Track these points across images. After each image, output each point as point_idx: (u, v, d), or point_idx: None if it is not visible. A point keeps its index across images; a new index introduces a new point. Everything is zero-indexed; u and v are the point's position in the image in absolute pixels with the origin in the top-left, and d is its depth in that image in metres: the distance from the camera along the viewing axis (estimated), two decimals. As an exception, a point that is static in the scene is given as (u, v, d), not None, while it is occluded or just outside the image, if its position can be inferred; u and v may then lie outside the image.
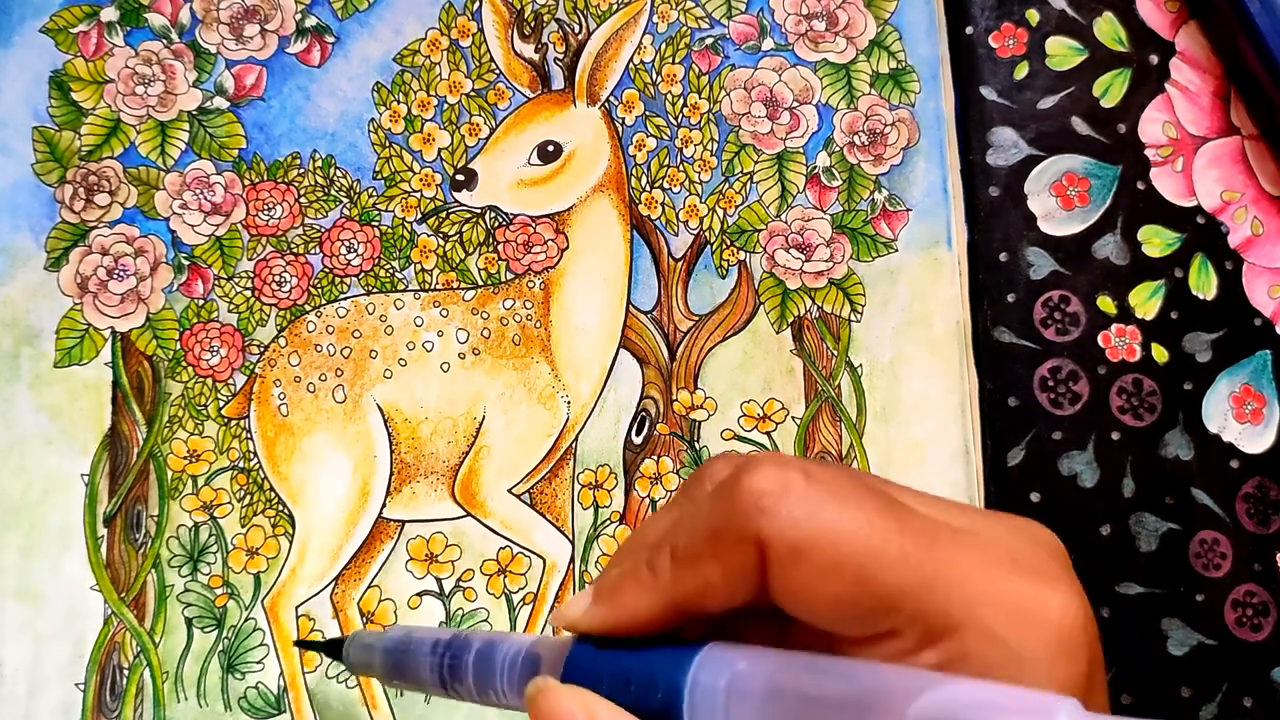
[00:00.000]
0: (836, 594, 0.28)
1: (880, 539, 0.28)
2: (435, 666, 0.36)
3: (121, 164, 0.46)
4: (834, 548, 0.28)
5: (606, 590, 0.32)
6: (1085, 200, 0.50)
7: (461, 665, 0.35)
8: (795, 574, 0.28)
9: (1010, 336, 0.49)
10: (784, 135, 0.50)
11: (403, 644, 0.37)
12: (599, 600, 0.32)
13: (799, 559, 0.28)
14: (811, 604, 0.28)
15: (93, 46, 0.47)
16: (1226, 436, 0.49)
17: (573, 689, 0.31)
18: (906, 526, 0.28)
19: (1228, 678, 0.47)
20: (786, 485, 0.28)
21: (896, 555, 0.28)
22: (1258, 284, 0.50)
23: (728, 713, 0.28)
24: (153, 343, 0.45)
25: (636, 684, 0.30)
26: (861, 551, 0.28)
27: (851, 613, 0.28)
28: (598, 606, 0.32)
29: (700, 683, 0.29)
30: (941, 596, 0.28)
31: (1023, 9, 0.51)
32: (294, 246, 0.47)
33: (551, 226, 0.48)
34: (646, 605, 0.31)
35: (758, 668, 0.28)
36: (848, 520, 0.28)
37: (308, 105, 0.48)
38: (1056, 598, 0.28)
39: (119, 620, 0.43)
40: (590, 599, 0.33)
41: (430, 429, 0.46)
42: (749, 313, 0.48)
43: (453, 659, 0.35)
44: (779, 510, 0.28)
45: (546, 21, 0.49)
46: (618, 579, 0.32)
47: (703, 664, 0.29)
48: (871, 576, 0.28)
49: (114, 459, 0.44)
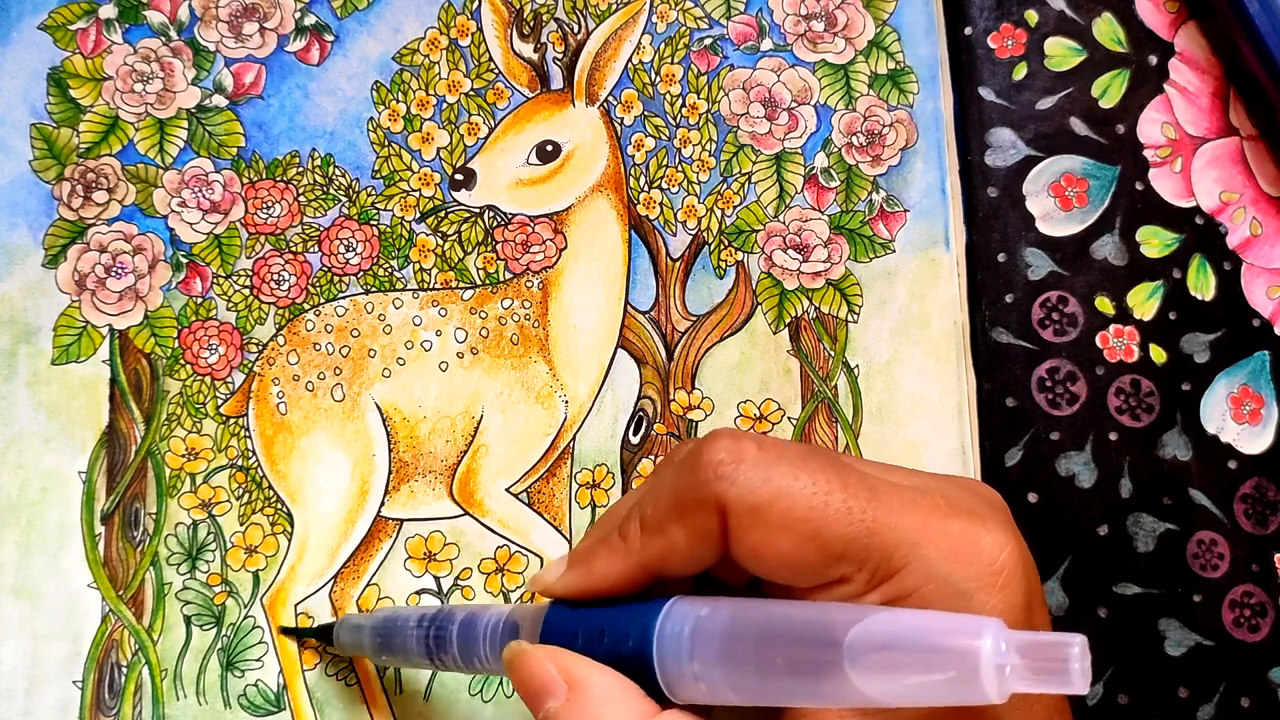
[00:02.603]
0: (789, 549, 0.31)
1: (824, 496, 0.31)
2: (421, 639, 0.38)
3: (120, 161, 0.46)
4: (785, 507, 0.31)
5: (580, 556, 0.35)
6: (1084, 201, 0.50)
7: (446, 637, 0.37)
8: (752, 533, 0.31)
9: (1008, 337, 0.49)
10: (782, 136, 0.50)
11: (389, 622, 0.39)
12: (573, 566, 0.35)
13: (755, 519, 0.31)
14: (769, 559, 0.31)
15: (91, 44, 0.47)
16: (1225, 437, 0.49)
17: (546, 648, 0.33)
18: (849, 483, 0.31)
19: (1225, 678, 0.47)
20: (741, 454, 0.31)
21: (840, 509, 0.30)
22: (1256, 285, 0.50)
23: (692, 654, 0.31)
24: (151, 340, 0.45)
25: (609, 635, 0.33)
26: (808, 508, 0.30)
27: (804, 564, 0.31)
28: (572, 572, 0.35)
29: (667, 629, 0.31)
30: (883, 541, 0.30)
31: (1021, 10, 0.51)
32: (293, 245, 0.47)
33: (550, 226, 0.48)
34: (617, 569, 0.34)
35: (718, 613, 0.31)
36: (796, 482, 0.31)
37: (307, 104, 0.48)
38: (990, 535, 0.31)
39: (117, 618, 0.43)
40: (565, 566, 0.35)
41: (429, 428, 0.46)
42: (746, 313, 0.48)
43: (438, 631, 0.37)
44: (736, 476, 0.31)
45: (545, 21, 0.49)
46: (590, 546, 0.35)
47: (669, 614, 0.31)
48: (819, 530, 0.30)
49: (112, 457, 0.44)
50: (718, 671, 0.30)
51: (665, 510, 0.32)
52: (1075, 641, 0.25)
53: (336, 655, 0.43)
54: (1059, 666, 0.25)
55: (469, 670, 0.37)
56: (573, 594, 0.35)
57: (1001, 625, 0.26)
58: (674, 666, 0.31)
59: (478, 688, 0.44)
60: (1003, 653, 0.25)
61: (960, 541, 0.31)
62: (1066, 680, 0.25)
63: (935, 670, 0.26)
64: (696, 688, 0.31)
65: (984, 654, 0.25)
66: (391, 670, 0.44)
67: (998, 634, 0.26)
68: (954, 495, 0.33)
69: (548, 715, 0.32)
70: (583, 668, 0.32)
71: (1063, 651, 0.25)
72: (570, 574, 0.35)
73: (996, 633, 0.26)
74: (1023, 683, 0.25)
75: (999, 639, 0.25)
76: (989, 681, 0.25)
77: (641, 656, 0.32)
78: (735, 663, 0.30)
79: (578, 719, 0.32)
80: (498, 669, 0.36)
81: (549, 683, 0.32)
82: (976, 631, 0.26)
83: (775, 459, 0.31)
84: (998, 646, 0.25)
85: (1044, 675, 0.25)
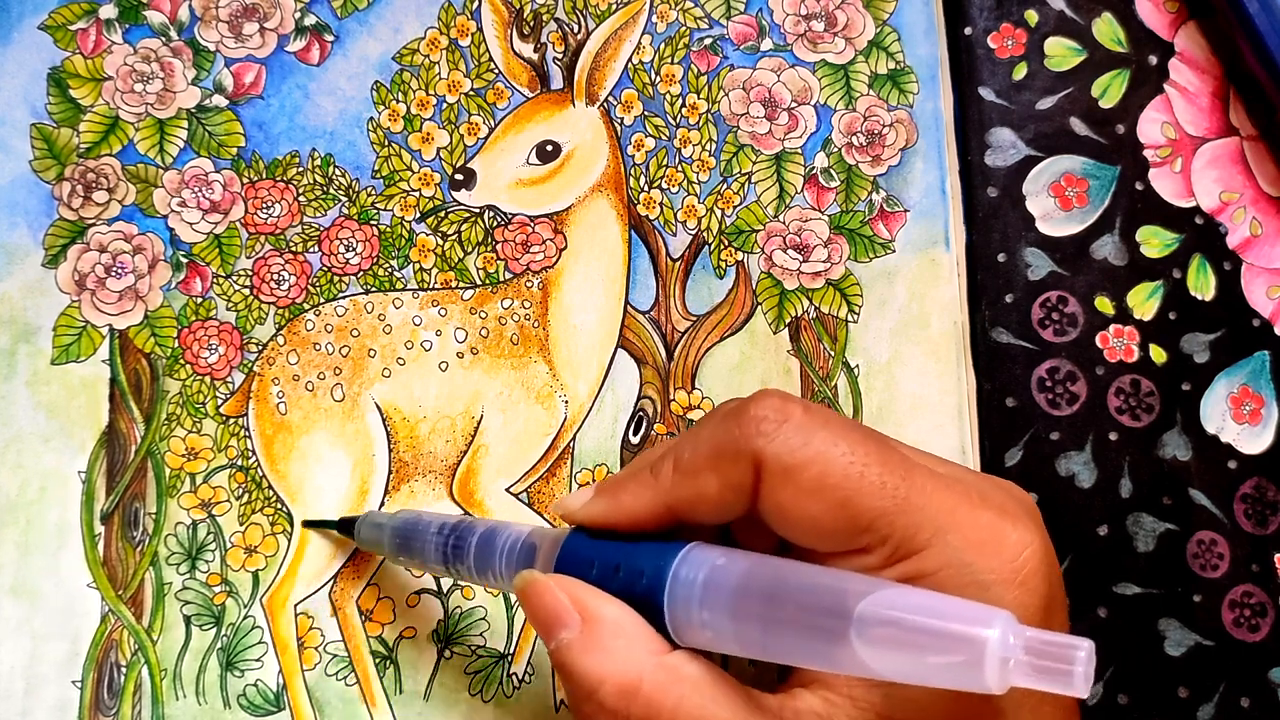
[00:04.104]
0: (818, 513, 0.31)
1: (861, 467, 0.31)
2: (440, 546, 0.38)
3: (120, 161, 0.46)
4: (820, 471, 0.31)
5: (608, 487, 0.35)
6: (1084, 201, 0.50)
7: (465, 547, 0.38)
8: (784, 492, 0.31)
9: (1008, 337, 0.49)
10: (782, 136, 0.50)
11: (411, 524, 0.40)
12: (600, 494, 0.35)
13: (789, 479, 0.31)
14: (796, 520, 0.32)
15: (91, 44, 0.47)
16: (1224, 437, 0.49)
17: (559, 577, 0.34)
18: (887, 459, 0.32)
19: (1225, 678, 0.47)
20: (786, 414, 0.32)
21: (875, 483, 0.31)
22: (1256, 285, 0.50)
23: (702, 602, 0.31)
24: (151, 340, 0.45)
25: (624, 571, 0.33)
26: (844, 476, 0.31)
27: (830, 530, 0.31)
28: (598, 500, 0.35)
29: (681, 574, 0.32)
30: (910, 520, 0.31)
31: (1021, 10, 0.51)
32: (292, 245, 0.47)
33: (550, 226, 0.48)
34: (644, 504, 0.34)
35: (733, 564, 0.31)
36: (835, 449, 0.31)
37: (307, 104, 0.48)
38: (1016, 531, 0.32)
39: (116, 618, 0.43)
40: (591, 493, 0.35)
41: (428, 428, 0.46)
42: (746, 313, 0.48)
43: (456, 540, 0.38)
44: (776, 434, 0.32)
45: (545, 21, 0.49)
46: (620, 479, 0.35)
47: (685, 558, 0.32)
48: (850, 499, 0.31)
49: (111, 456, 0.44)
50: (725, 622, 0.31)
51: (702, 456, 0.33)
52: (1082, 645, 0.25)
53: (337, 655, 0.43)
54: (1063, 668, 0.25)
55: (482, 582, 0.38)
56: (595, 522, 0.35)
57: (1012, 619, 0.26)
58: (683, 611, 0.31)
59: (477, 688, 0.44)
60: (1010, 646, 0.26)
61: (986, 533, 0.31)
62: (1068, 682, 0.25)
63: (941, 653, 0.26)
64: (702, 634, 0.31)
65: (991, 644, 0.26)
66: (391, 670, 0.44)
67: (1007, 626, 0.26)
68: (987, 490, 0.33)
69: (559, 645, 0.33)
70: (595, 599, 0.33)
71: (1069, 653, 0.25)
72: (595, 502, 0.35)
73: (1006, 625, 0.26)
74: (1025, 678, 0.26)
75: (1008, 631, 0.26)
76: (992, 672, 0.26)
77: (653, 596, 0.32)
78: (743, 616, 0.30)
79: (590, 650, 0.32)
80: (509, 586, 0.36)
81: (562, 613, 0.33)
82: (987, 621, 0.26)
83: (819, 425, 0.32)
84: (1005, 639, 0.26)
85: (1046, 674, 0.25)
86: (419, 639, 0.44)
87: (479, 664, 0.44)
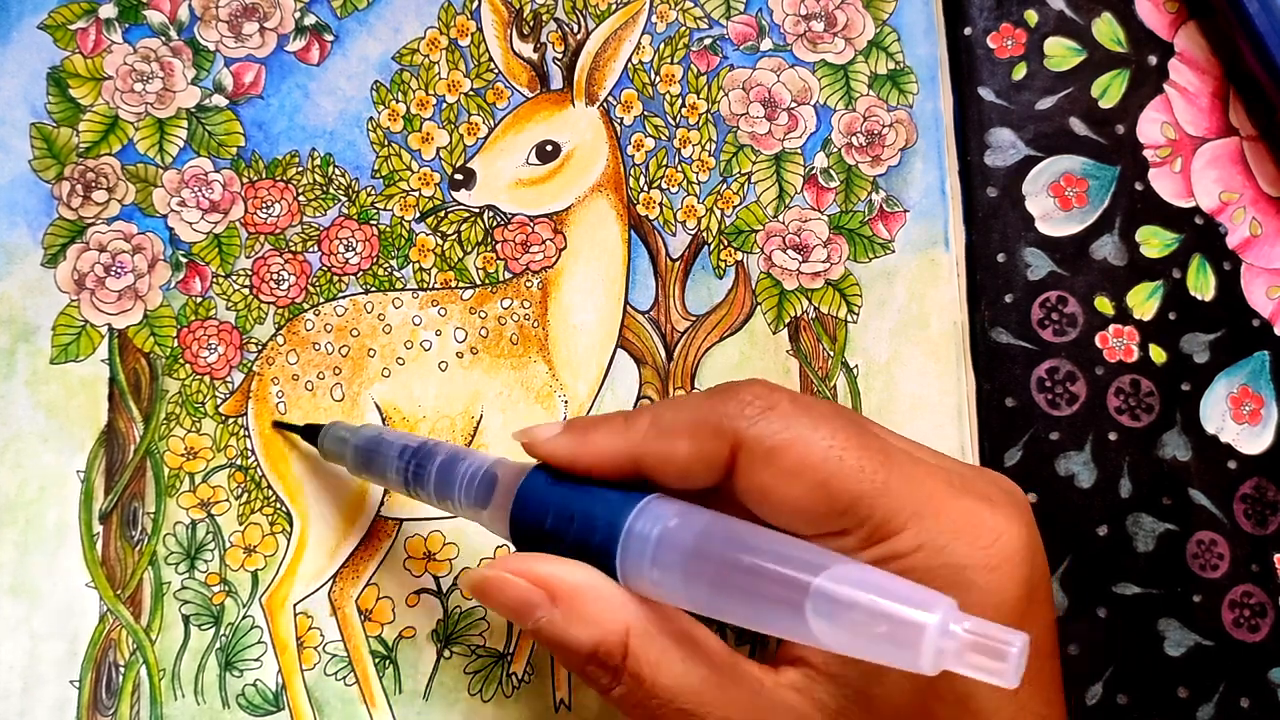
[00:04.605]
0: (797, 495, 0.31)
1: (840, 452, 0.31)
2: (400, 470, 0.38)
3: (119, 161, 0.46)
4: (800, 455, 0.31)
5: (578, 426, 0.35)
6: (1083, 201, 0.50)
7: (425, 474, 0.38)
8: (763, 473, 0.32)
9: (1007, 337, 0.49)
10: (782, 136, 0.50)
11: (373, 443, 0.40)
12: (568, 431, 0.35)
13: (769, 461, 0.32)
14: (774, 502, 0.32)
15: (91, 43, 0.47)
16: (1224, 437, 0.49)
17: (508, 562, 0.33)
18: (867, 445, 0.32)
19: (1225, 678, 0.47)
20: (772, 402, 0.32)
21: (854, 466, 0.31)
22: (1256, 285, 0.50)
23: (654, 561, 0.31)
24: (150, 340, 0.45)
25: (579, 520, 0.33)
26: (822, 460, 0.31)
27: (809, 512, 0.32)
28: (565, 436, 0.35)
29: (635, 530, 0.32)
30: (889, 504, 0.31)
31: (1021, 10, 0.51)
32: (292, 245, 0.47)
33: (549, 226, 0.48)
34: (611, 450, 0.34)
35: (689, 524, 0.31)
36: (815, 433, 0.32)
37: (306, 104, 0.48)
38: (995, 517, 0.32)
39: (115, 617, 0.43)
40: (560, 429, 0.35)
41: (428, 428, 0.46)
42: (746, 313, 0.48)
43: (417, 466, 0.38)
44: (759, 418, 0.32)
45: (545, 21, 0.49)
46: (592, 420, 0.35)
47: (641, 512, 0.32)
48: (828, 482, 0.31)
49: (110, 456, 0.44)
50: (676, 580, 0.31)
51: (682, 421, 0.33)
52: (1016, 639, 0.26)
53: (336, 655, 0.43)
54: (998, 657, 0.26)
55: (442, 507, 0.38)
56: (559, 460, 0.35)
57: (954, 606, 0.27)
58: (634, 567, 0.32)
59: (477, 688, 0.44)
60: (947, 633, 0.26)
61: (965, 518, 0.31)
62: (1001, 673, 0.26)
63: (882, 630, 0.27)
64: (654, 591, 0.32)
65: (929, 630, 0.26)
66: (391, 670, 0.44)
67: (947, 612, 0.26)
68: (970, 477, 0.33)
69: (539, 627, 0.32)
70: (558, 570, 0.32)
71: (1002, 647, 0.26)
72: (563, 438, 0.35)
73: (946, 611, 0.27)
74: (958, 664, 0.26)
75: (948, 618, 0.26)
76: (926, 654, 0.26)
77: (606, 550, 0.32)
78: (694, 577, 0.30)
79: (573, 623, 0.32)
80: (467, 515, 0.36)
81: (529, 596, 0.32)
82: (929, 605, 0.27)
83: (801, 411, 0.32)
84: (944, 625, 0.26)
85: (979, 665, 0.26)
86: (418, 639, 0.44)
87: (478, 664, 0.44)
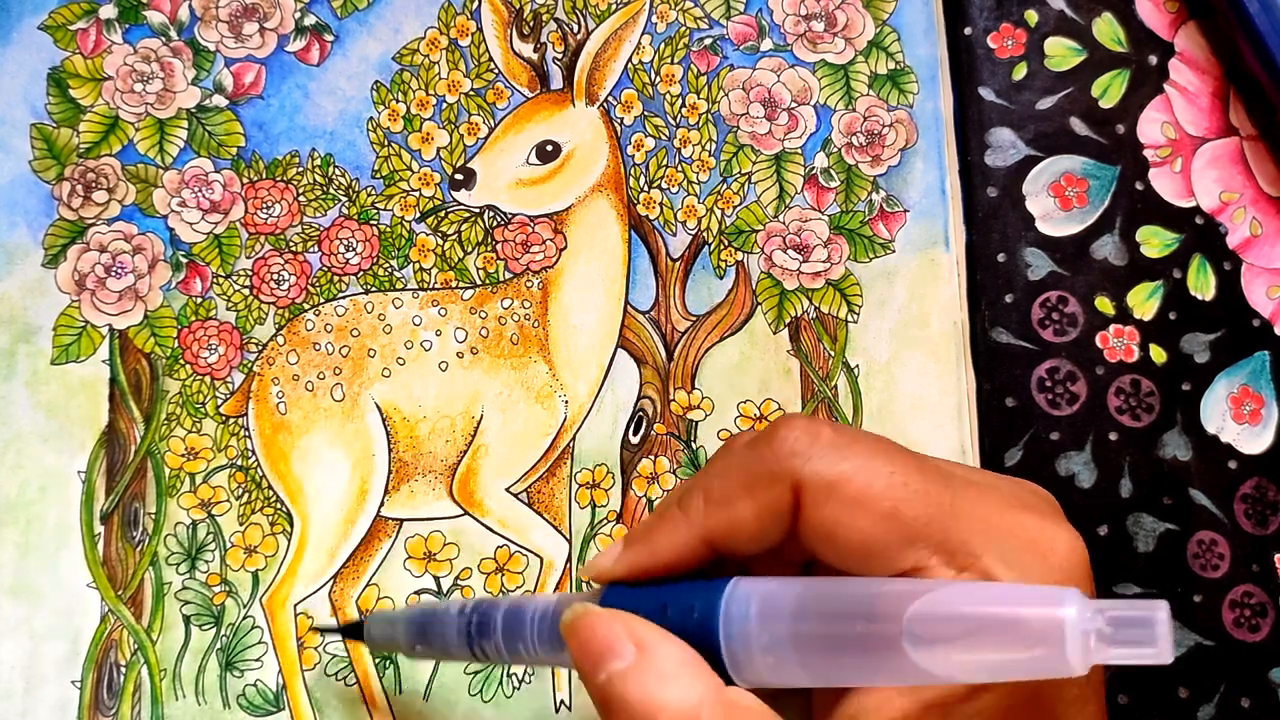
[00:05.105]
0: (866, 526, 0.30)
1: (902, 476, 0.30)
2: (463, 628, 0.36)
3: (120, 161, 0.46)
4: (864, 484, 0.30)
5: (637, 535, 0.34)
6: (1084, 201, 0.50)
7: (490, 624, 0.36)
8: (828, 509, 0.30)
9: (1008, 337, 0.49)
10: (782, 136, 0.50)
11: (427, 614, 0.38)
12: (630, 545, 0.34)
13: (831, 495, 0.30)
14: (843, 538, 0.30)
15: (91, 44, 0.47)
16: (1225, 437, 0.49)
17: (613, 612, 0.32)
18: (925, 467, 0.31)
19: (1225, 678, 0.47)
20: (817, 434, 0.31)
21: (919, 490, 0.30)
22: (1256, 285, 0.50)
23: (760, 632, 0.30)
24: (151, 340, 0.45)
25: (673, 610, 0.31)
26: (887, 486, 0.30)
27: (879, 544, 0.30)
28: (630, 551, 0.34)
29: (733, 605, 0.30)
30: (963, 527, 0.30)
31: (1021, 9, 0.51)
32: (292, 245, 0.47)
33: (550, 226, 0.48)
34: (679, 542, 0.33)
35: (786, 590, 0.30)
36: (874, 461, 0.31)
37: (306, 104, 0.48)
38: (1063, 534, 0.31)
39: (116, 618, 0.43)
40: (621, 547, 0.34)
41: (428, 428, 0.46)
42: (746, 313, 0.48)
43: (481, 619, 0.36)
44: (811, 453, 0.31)
45: (545, 21, 0.49)
46: (648, 524, 0.34)
47: (734, 591, 0.31)
48: (897, 510, 0.30)
49: (111, 456, 0.44)
50: (788, 650, 0.29)
51: (734, 485, 0.32)
52: (1160, 608, 0.24)
53: (336, 654, 0.43)
54: (1145, 635, 0.24)
55: (511, 659, 0.36)
56: (631, 574, 0.33)
57: (1081, 595, 0.25)
58: (741, 644, 0.30)
59: (477, 688, 0.44)
60: (1089, 619, 0.25)
61: (1036, 535, 0.31)
62: (1154, 647, 0.24)
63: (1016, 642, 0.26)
64: (765, 665, 0.30)
65: (1069, 622, 0.25)
66: (391, 670, 0.44)
67: (1082, 602, 0.25)
68: (1018, 492, 0.33)
69: (610, 677, 0.31)
70: (651, 633, 0.31)
71: (1149, 617, 0.24)
72: (628, 553, 0.33)
73: (1080, 601, 0.25)
74: (1109, 652, 0.25)
75: (1084, 607, 0.25)
76: (1074, 651, 0.25)
77: (706, 632, 0.30)
78: (806, 641, 0.29)
79: (645, 678, 0.30)
80: (545, 656, 0.35)
81: (615, 643, 0.31)
82: (1059, 600, 0.25)
83: (851, 440, 0.31)
84: (1083, 614, 0.25)
85: (1130, 645, 0.25)
86: (419, 639, 0.44)
87: (478, 664, 0.44)
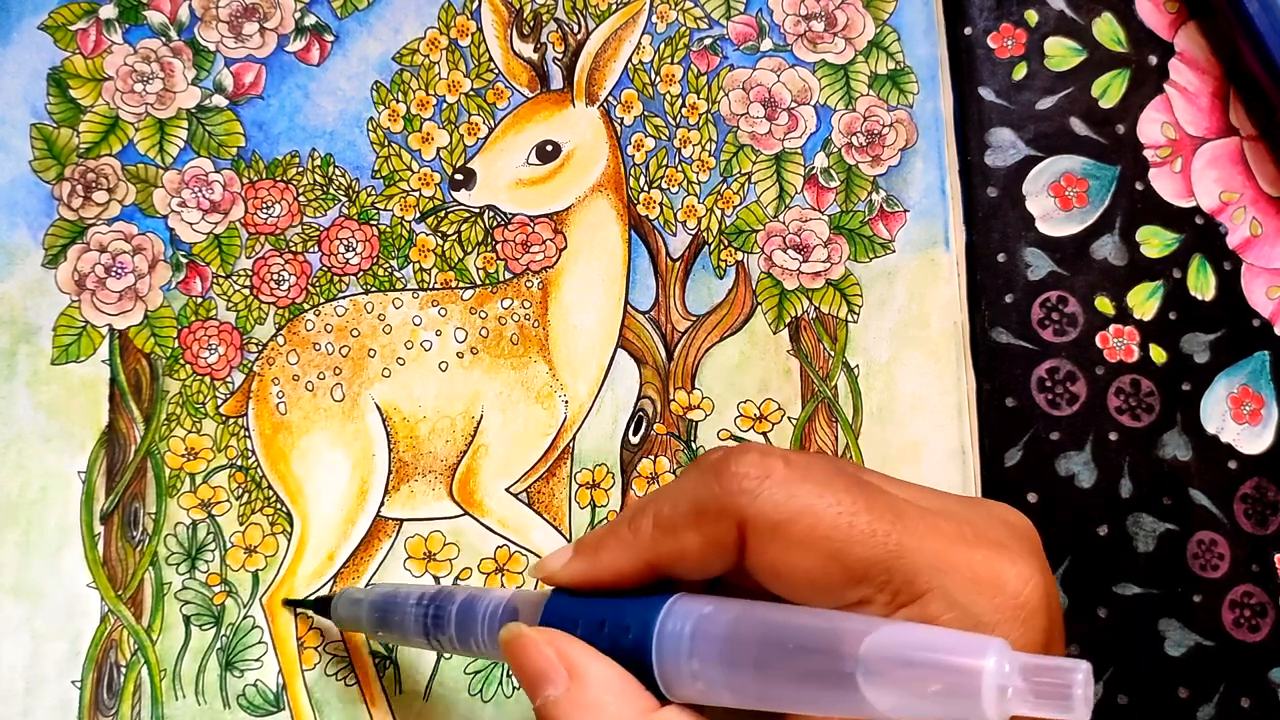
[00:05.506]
0: (810, 566, 0.30)
1: (849, 517, 0.30)
2: (419, 618, 0.38)
3: (120, 161, 0.46)
4: (809, 525, 0.30)
5: (587, 546, 0.35)
6: (1084, 201, 0.50)
7: (445, 617, 0.37)
8: (773, 549, 0.31)
9: (1008, 337, 0.49)
10: (782, 136, 0.50)
11: (389, 598, 0.39)
12: (579, 554, 0.35)
13: (777, 536, 0.31)
14: (788, 576, 0.31)
15: (91, 44, 0.47)
16: (1225, 437, 0.49)
17: (545, 631, 0.33)
18: (874, 505, 0.31)
19: (1225, 678, 0.47)
20: (768, 470, 0.31)
21: (865, 530, 0.30)
22: (1256, 285, 0.50)
23: (691, 652, 0.30)
24: (151, 340, 0.45)
25: (610, 627, 0.32)
26: (832, 527, 0.30)
27: (824, 583, 0.31)
28: (576, 560, 0.35)
29: (668, 625, 0.31)
30: (906, 566, 0.30)
31: (1021, 10, 0.51)
32: (292, 245, 0.47)
33: (550, 226, 0.48)
34: (624, 561, 0.33)
35: (722, 612, 0.31)
36: (821, 501, 0.31)
37: (307, 104, 0.48)
38: (1013, 568, 0.31)
39: (116, 618, 0.43)
40: (570, 554, 0.35)
41: (428, 428, 0.46)
42: (746, 313, 0.48)
43: (436, 611, 0.37)
44: (759, 491, 0.31)
45: (545, 21, 0.49)
46: (599, 536, 0.34)
47: (671, 609, 0.31)
48: (842, 551, 0.30)
49: (111, 456, 0.44)
50: (716, 672, 0.30)
51: (682, 513, 0.32)
52: (1080, 668, 0.25)
53: (336, 655, 0.43)
54: (1061, 691, 0.25)
55: (465, 652, 0.37)
56: (576, 583, 0.34)
57: (1006, 646, 0.26)
58: (672, 664, 0.31)
59: (477, 688, 0.44)
60: (1005, 674, 0.25)
61: (984, 572, 0.30)
62: (1068, 706, 0.25)
63: (939, 686, 0.26)
64: (694, 686, 0.31)
65: (986, 673, 0.25)
66: (391, 670, 0.44)
67: (1001, 654, 0.26)
68: (980, 524, 0.32)
69: (545, 703, 0.32)
70: (582, 655, 0.32)
71: (1066, 677, 0.25)
72: (575, 562, 0.34)
73: (1000, 653, 0.26)
74: (1024, 705, 0.25)
75: (1003, 660, 0.25)
76: (989, 702, 0.25)
77: (640, 651, 0.31)
78: (735, 665, 0.30)
79: (577, 709, 0.31)
80: (494, 653, 0.36)
81: (548, 669, 0.32)
82: (981, 650, 0.26)
83: (801, 477, 0.31)
84: (1000, 667, 0.25)
85: (1045, 699, 0.25)
86: (419, 639, 0.44)
87: (478, 664, 0.44)
